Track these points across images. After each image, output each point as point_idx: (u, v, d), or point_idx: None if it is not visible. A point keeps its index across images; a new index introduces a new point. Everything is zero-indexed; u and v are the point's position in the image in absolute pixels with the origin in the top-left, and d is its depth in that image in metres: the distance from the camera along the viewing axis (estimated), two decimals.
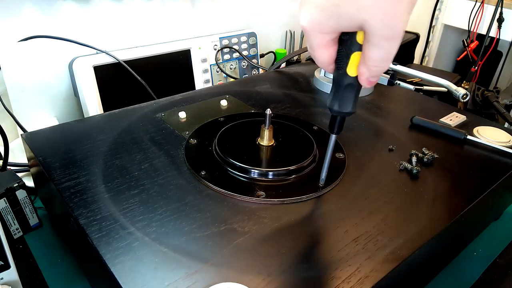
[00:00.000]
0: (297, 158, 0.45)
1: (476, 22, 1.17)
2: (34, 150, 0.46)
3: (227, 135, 0.49)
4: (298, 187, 0.42)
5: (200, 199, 0.40)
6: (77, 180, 0.41)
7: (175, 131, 0.52)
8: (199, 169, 0.44)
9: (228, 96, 0.63)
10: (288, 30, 0.98)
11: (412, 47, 1.10)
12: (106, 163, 0.45)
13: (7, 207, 0.49)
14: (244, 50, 0.86)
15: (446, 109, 0.62)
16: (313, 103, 0.63)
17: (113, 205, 0.38)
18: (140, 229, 0.36)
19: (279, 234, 0.37)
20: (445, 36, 1.32)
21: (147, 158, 0.46)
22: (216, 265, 0.33)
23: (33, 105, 0.68)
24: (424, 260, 0.41)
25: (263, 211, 0.39)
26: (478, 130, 0.56)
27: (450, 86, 0.55)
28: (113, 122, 0.53)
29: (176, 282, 0.31)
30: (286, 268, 0.33)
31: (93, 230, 0.35)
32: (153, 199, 0.40)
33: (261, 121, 0.47)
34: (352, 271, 0.33)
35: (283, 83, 0.70)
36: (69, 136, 0.49)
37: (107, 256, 0.33)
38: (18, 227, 0.51)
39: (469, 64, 1.21)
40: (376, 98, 0.66)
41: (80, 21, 0.69)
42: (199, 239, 0.35)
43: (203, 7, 0.82)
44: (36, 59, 0.65)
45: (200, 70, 0.79)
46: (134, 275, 0.32)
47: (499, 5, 1.10)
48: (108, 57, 0.68)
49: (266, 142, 0.47)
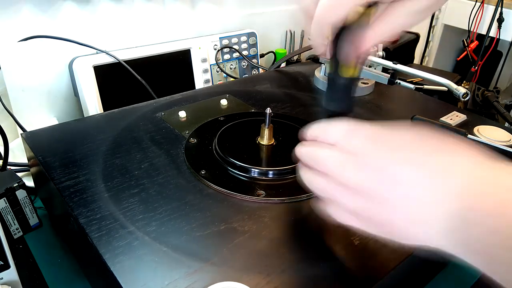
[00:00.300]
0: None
1: (476, 22, 1.16)
2: (34, 149, 0.46)
3: (227, 135, 0.49)
4: (298, 186, 0.42)
5: (200, 198, 0.40)
6: (77, 180, 0.41)
7: (175, 131, 0.52)
8: (199, 168, 0.44)
9: (228, 96, 0.63)
10: (288, 30, 0.98)
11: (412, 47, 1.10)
12: (106, 162, 0.45)
13: (7, 207, 0.48)
14: (244, 50, 0.86)
15: (447, 109, 0.62)
16: (313, 103, 0.63)
17: (113, 204, 0.38)
18: (140, 228, 0.36)
19: (279, 233, 0.37)
20: (445, 36, 1.31)
21: (147, 158, 0.46)
22: (216, 264, 0.33)
23: (33, 105, 0.67)
24: (425, 259, 0.41)
25: (263, 210, 0.39)
26: (478, 129, 0.56)
27: (451, 85, 0.55)
28: (113, 121, 0.53)
29: (176, 281, 0.31)
30: (286, 267, 0.33)
31: (92, 230, 0.35)
32: (153, 199, 0.40)
33: (261, 121, 0.47)
34: (352, 270, 0.33)
35: (283, 83, 0.70)
36: (69, 136, 0.49)
37: (107, 255, 0.33)
38: (18, 227, 0.50)
39: (469, 64, 1.20)
40: (376, 97, 0.66)
41: (80, 21, 0.69)
42: (199, 239, 0.35)
43: (203, 7, 0.82)
44: (36, 59, 0.65)
45: (200, 70, 0.79)
46: (134, 274, 0.31)
47: (499, 5, 1.10)
48: (108, 57, 0.68)
49: (266, 141, 0.47)
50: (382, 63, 0.62)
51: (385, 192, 0.28)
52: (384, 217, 0.29)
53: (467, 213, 0.25)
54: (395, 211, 0.28)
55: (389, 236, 0.30)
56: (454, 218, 0.25)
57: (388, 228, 0.29)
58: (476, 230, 0.24)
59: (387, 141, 0.30)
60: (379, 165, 0.29)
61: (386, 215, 0.29)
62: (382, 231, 0.30)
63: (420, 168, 0.27)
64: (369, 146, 0.30)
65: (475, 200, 0.25)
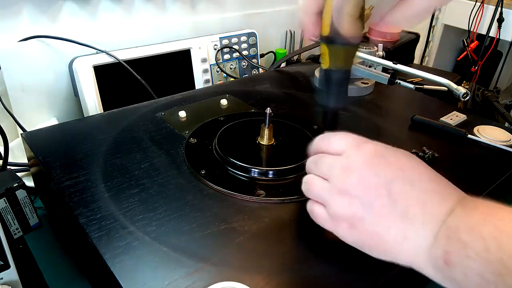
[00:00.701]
0: (297, 157, 0.45)
1: (476, 22, 1.16)
2: (34, 149, 0.46)
3: (227, 134, 0.49)
4: (298, 186, 0.42)
5: (200, 198, 0.40)
6: (77, 180, 0.41)
7: (175, 131, 0.52)
8: (199, 168, 0.44)
9: (228, 96, 0.63)
10: (288, 30, 0.98)
11: (412, 47, 1.10)
12: (106, 162, 0.45)
13: (7, 207, 0.48)
14: (244, 50, 0.86)
15: (447, 108, 0.62)
16: (313, 102, 0.63)
17: (113, 204, 0.38)
18: (140, 228, 0.36)
19: (279, 233, 0.37)
20: (445, 36, 1.31)
21: (147, 158, 0.46)
22: (216, 264, 0.33)
23: (33, 105, 0.67)
24: None
25: (263, 210, 0.39)
26: (478, 129, 0.55)
27: (451, 85, 0.55)
28: (113, 121, 0.53)
29: (176, 281, 0.31)
30: (286, 267, 0.33)
31: (92, 229, 0.35)
32: (153, 198, 0.40)
33: (261, 120, 0.47)
34: (353, 270, 0.33)
35: (283, 83, 0.70)
36: (69, 136, 0.49)
37: (107, 255, 0.33)
38: (18, 227, 0.50)
39: (469, 64, 1.20)
40: (376, 97, 0.66)
41: (80, 21, 0.69)
42: (199, 238, 0.35)
43: (203, 7, 0.82)
44: (36, 59, 0.65)
45: (200, 70, 0.79)
46: (134, 274, 0.31)
47: (499, 5, 1.10)
48: (108, 57, 0.68)
49: (266, 141, 0.47)
50: (382, 63, 0.62)
51: (386, 204, 0.30)
52: (377, 229, 0.30)
53: (449, 233, 0.27)
54: (390, 225, 0.29)
55: (373, 250, 0.31)
56: (438, 236, 0.27)
57: (376, 241, 0.30)
58: (456, 249, 0.26)
59: (395, 157, 0.32)
60: (386, 179, 0.30)
61: (380, 228, 0.30)
62: (367, 243, 0.31)
63: (421, 192, 0.29)
64: (378, 159, 0.31)
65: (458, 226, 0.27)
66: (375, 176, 0.30)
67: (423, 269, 0.29)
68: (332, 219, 0.32)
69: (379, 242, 0.30)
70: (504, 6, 1.11)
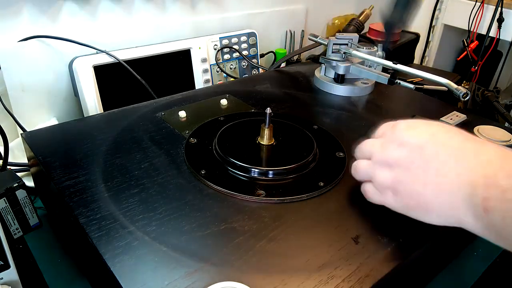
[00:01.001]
0: (297, 157, 0.45)
1: (476, 22, 1.16)
2: (34, 149, 0.46)
3: (227, 134, 0.49)
4: (298, 186, 0.42)
5: (200, 198, 0.40)
6: (77, 180, 0.41)
7: (175, 131, 0.52)
8: (199, 168, 0.44)
9: (228, 96, 0.63)
10: (288, 30, 0.98)
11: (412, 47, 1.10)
12: (106, 162, 0.45)
13: (7, 207, 0.48)
14: (244, 50, 0.86)
15: (447, 108, 0.62)
16: (313, 103, 0.63)
17: (113, 204, 0.38)
18: (140, 228, 0.36)
19: (279, 233, 0.37)
20: (445, 36, 1.31)
21: (147, 158, 0.46)
22: (216, 264, 0.33)
23: (33, 105, 0.67)
24: (424, 259, 0.41)
25: (263, 210, 0.39)
26: (478, 129, 0.55)
27: (450, 85, 0.55)
28: (113, 121, 0.53)
29: (176, 281, 0.31)
30: (286, 267, 0.33)
31: (92, 229, 0.35)
32: (153, 198, 0.40)
33: (261, 120, 0.47)
34: (353, 270, 0.33)
35: (283, 83, 0.70)
36: (69, 136, 0.49)
37: (107, 255, 0.33)
38: (18, 227, 0.50)
39: (469, 64, 1.20)
40: (376, 97, 0.66)
41: (80, 21, 0.69)
42: (199, 238, 0.35)
43: (203, 7, 0.82)
44: (36, 59, 0.65)
45: (200, 70, 0.79)
46: (133, 274, 0.31)
47: (499, 5, 1.10)
48: (108, 57, 0.68)
49: (266, 141, 0.47)
50: (382, 63, 0.62)
51: (421, 165, 0.33)
52: (415, 188, 0.33)
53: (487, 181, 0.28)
54: (426, 181, 0.32)
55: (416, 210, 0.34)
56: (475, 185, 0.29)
57: (416, 200, 0.33)
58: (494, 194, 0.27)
59: (427, 126, 0.35)
60: (418, 143, 0.33)
61: (417, 186, 0.33)
62: (410, 204, 0.34)
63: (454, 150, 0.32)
64: (410, 131, 0.35)
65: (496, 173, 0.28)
66: (409, 144, 0.34)
67: (463, 222, 0.30)
68: (379, 192, 0.36)
69: (419, 200, 0.33)
70: (504, 6, 1.11)
